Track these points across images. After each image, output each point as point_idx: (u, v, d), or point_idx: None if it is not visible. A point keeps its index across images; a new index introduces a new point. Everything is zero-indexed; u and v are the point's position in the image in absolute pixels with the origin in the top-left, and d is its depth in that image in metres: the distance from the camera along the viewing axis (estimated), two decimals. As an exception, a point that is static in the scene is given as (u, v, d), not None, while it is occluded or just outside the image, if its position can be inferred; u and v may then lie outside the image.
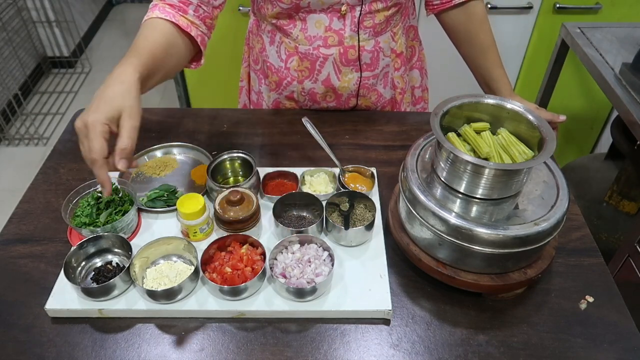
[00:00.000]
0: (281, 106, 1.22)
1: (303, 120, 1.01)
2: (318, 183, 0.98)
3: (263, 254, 0.82)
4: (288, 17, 1.04)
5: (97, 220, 0.87)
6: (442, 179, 0.79)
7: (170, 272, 0.81)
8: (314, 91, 1.14)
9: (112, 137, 0.75)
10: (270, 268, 0.81)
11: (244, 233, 0.85)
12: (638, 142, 1.47)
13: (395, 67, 1.16)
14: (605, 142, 2.12)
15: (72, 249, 0.82)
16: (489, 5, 1.82)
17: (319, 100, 1.17)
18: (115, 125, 0.74)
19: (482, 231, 0.73)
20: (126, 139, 0.73)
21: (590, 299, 0.82)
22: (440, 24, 1.15)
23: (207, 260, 0.82)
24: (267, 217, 0.92)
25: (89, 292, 0.77)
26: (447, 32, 1.15)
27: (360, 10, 1.02)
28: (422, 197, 0.77)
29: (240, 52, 1.28)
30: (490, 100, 0.82)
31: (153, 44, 0.85)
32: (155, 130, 1.15)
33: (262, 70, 1.18)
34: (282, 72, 1.13)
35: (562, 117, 1.01)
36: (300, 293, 0.77)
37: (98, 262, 0.85)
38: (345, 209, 0.90)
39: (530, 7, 1.83)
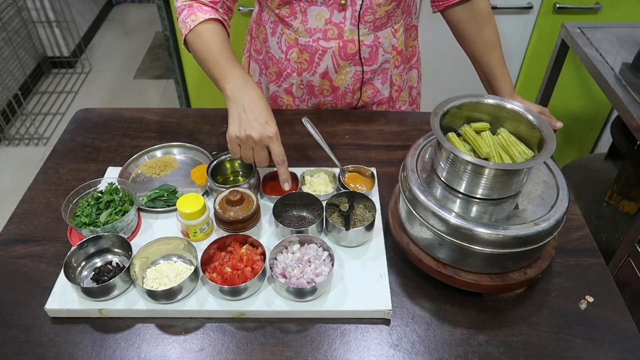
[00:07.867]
0: (278, 101, 1.22)
1: (303, 120, 1.01)
2: (318, 183, 0.98)
3: (263, 254, 0.82)
4: (289, 7, 1.04)
5: (97, 220, 0.87)
6: (442, 179, 0.79)
7: (170, 272, 0.81)
8: (312, 84, 1.15)
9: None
10: (270, 268, 0.81)
11: (244, 233, 0.85)
12: (638, 142, 1.47)
13: (395, 65, 1.16)
14: (605, 142, 2.12)
15: (72, 249, 0.82)
16: (489, 5, 1.82)
17: (317, 94, 1.17)
18: None
19: (482, 231, 0.73)
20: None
21: (590, 299, 0.82)
22: (445, 21, 1.15)
23: (207, 260, 0.82)
24: (267, 217, 0.92)
25: (89, 292, 0.77)
26: (451, 29, 1.15)
27: (361, 5, 1.02)
28: (422, 197, 0.77)
29: (240, 52, 1.28)
30: (490, 100, 0.82)
31: (230, 49, 0.96)
32: (155, 130, 1.15)
33: (264, 60, 1.19)
34: (283, 63, 1.14)
35: (559, 124, 1.01)
36: (300, 293, 0.77)
37: (98, 262, 0.85)
38: (345, 209, 0.90)
39: (530, 7, 1.83)
